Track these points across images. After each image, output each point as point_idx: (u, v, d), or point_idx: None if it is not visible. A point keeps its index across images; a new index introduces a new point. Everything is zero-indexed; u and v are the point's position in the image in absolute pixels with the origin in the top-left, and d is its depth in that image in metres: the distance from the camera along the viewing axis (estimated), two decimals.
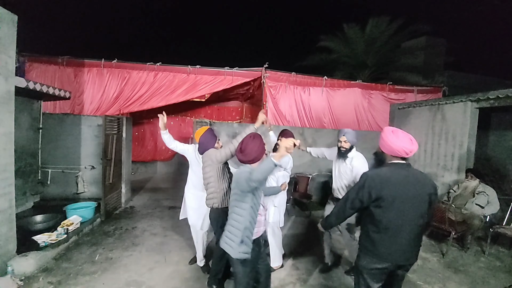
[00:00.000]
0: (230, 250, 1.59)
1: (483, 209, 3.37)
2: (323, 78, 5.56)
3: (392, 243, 1.45)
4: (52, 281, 2.42)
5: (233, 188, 1.66)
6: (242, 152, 1.66)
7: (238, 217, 1.60)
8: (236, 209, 1.62)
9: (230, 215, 1.66)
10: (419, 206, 1.46)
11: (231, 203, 1.68)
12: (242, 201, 1.59)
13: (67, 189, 4.56)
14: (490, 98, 4.00)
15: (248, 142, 1.68)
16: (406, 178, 1.46)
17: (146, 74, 4.85)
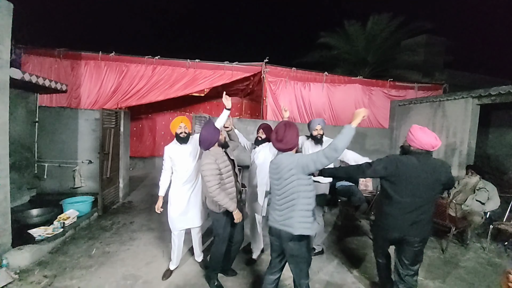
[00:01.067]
0: (307, 231, 1.64)
1: (483, 205, 3.35)
2: (323, 73, 5.51)
3: (400, 217, 1.80)
4: (47, 274, 2.38)
5: (292, 173, 1.63)
6: (281, 141, 1.69)
7: (307, 200, 1.65)
8: (303, 193, 1.64)
9: (297, 200, 1.63)
10: (430, 190, 1.79)
11: (290, 190, 1.65)
12: (307, 184, 1.65)
13: (64, 184, 4.50)
14: (492, 95, 3.98)
15: (285, 130, 1.69)
16: (422, 165, 1.76)
17: (144, 67, 4.78)
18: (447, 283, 2.55)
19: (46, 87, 4.02)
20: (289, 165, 1.64)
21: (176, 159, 2.38)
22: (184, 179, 2.39)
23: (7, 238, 2.48)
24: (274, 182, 1.77)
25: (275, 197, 1.77)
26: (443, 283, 2.55)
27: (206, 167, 1.99)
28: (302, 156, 1.64)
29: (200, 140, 2.08)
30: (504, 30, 14.93)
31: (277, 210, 1.73)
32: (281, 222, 1.69)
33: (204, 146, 2.08)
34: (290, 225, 1.64)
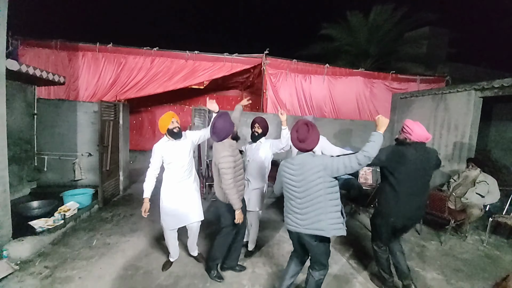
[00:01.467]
0: (340, 232, 1.66)
1: (483, 198, 3.35)
2: (324, 66, 5.43)
3: (407, 204, 2.02)
4: (48, 265, 2.40)
5: (319, 176, 1.61)
6: (304, 141, 1.65)
7: (335, 201, 1.66)
8: (330, 195, 1.64)
9: (325, 202, 1.62)
10: (427, 175, 2.07)
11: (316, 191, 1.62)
12: (334, 185, 1.66)
13: (64, 176, 4.51)
14: (495, 87, 3.92)
15: (308, 130, 1.65)
16: (420, 154, 1.99)
17: (143, 59, 4.71)
18: (444, 274, 2.57)
19: (44, 79, 3.97)
20: (315, 167, 1.61)
21: (170, 156, 2.26)
22: (180, 176, 2.32)
23: (7, 229, 2.49)
24: (293, 184, 1.70)
25: (294, 200, 1.71)
26: (441, 274, 2.57)
27: (225, 159, 1.95)
28: (331, 159, 1.62)
29: (215, 131, 2.00)
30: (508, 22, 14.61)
31: (297, 214, 1.69)
32: (308, 226, 1.65)
33: (219, 137, 2.01)
34: (321, 228, 1.63)
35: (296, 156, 1.74)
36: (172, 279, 2.31)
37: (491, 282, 2.46)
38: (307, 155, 1.69)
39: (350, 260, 2.77)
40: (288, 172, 1.72)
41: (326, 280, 2.37)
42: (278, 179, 1.86)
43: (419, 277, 2.50)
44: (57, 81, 4.27)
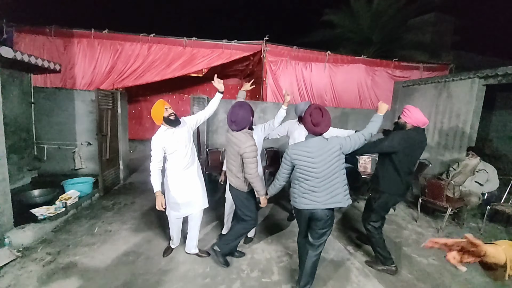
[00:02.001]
0: (349, 201, 1.85)
1: (482, 186, 3.36)
2: (326, 53, 5.31)
3: (404, 182, 2.22)
4: (51, 252, 2.44)
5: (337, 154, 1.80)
6: (318, 125, 1.77)
7: (345, 175, 1.86)
8: (342, 170, 1.85)
9: (340, 177, 1.82)
10: (419, 156, 2.36)
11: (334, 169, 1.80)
12: (344, 161, 1.86)
13: (64, 165, 4.52)
14: (499, 75, 3.84)
15: (322, 114, 1.78)
16: (419, 138, 2.21)
17: (139, 46, 4.59)
18: (441, 261, 2.61)
19: (39, 67, 3.90)
20: (333, 148, 1.78)
21: (172, 146, 2.16)
22: (184, 164, 2.25)
23: (8, 217, 2.51)
24: (310, 166, 1.78)
25: (311, 180, 1.80)
26: (437, 260, 2.62)
27: (251, 149, 1.91)
28: (344, 139, 1.83)
29: (236, 120, 1.94)
30: None
31: (315, 192, 1.80)
32: (326, 201, 1.79)
33: (240, 126, 1.96)
34: (338, 200, 1.81)
35: (309, 140, 1.83)
36: (173, 264, 2.36)
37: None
38: (320, 138, 1.81)
39: (348, 246, 2.81)
40: (304, 155, 1.80)
41: (323, 265, 2.42)
42: (284, 166, 1.89)
43: (415, 263, 2.55)
44: (53, 69, 4.20)
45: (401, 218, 3.67)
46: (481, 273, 2.42)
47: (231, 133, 2.06)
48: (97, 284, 2.05)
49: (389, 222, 3.50)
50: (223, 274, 2.25)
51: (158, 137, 2.16)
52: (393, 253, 2.70)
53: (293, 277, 2.25)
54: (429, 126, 4.86)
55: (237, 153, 2.00)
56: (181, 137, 2.22)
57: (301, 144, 1.85)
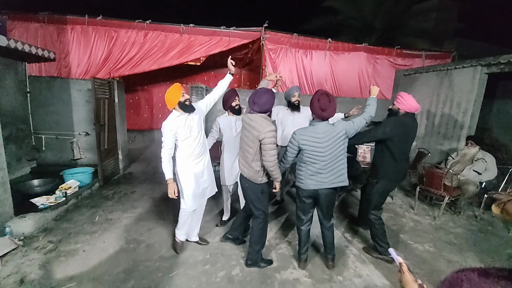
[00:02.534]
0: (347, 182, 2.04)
1: (480, 175, 3.37)
2: (326, 40, 5.18)
3: (401, 168, 2.30)
4: (52, 240, 2.48)
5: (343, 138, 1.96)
6: (325, 110, 1.86)
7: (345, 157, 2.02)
8: (345, 151, 2.01)
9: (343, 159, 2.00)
10: (412, 142, 2.36)
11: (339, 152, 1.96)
12: (346, 145, 2.01)
13: (63, 155, 4.51)
14: (501, 63, 3.77)
15: (329, 100, 1.87)
16: (412, 124, 2.30)
17: (135, 33, 4.47)
18: (437, 247, 2.66)
19: (34, 55, 3.82)
20: (340, 132, 1.92)
21: (185, 132, 2.08)
22: (197, 152, 2.18)
23: (9, 206, 2.53)
24: (318, 150, 1.90)
25: (318, 163, 1.93)
26: (433, 247, 2.67)
27: (271, 134, 1.83)
28: (349, 123, 1.98)
29: (260, 102, 1.87)
30: None
31: (321, 174, 1.95)
32: (332, 181, 1.96)
33: (261, 109, 1.90)
34: (342, 180, 2.00)
35: (317, 126, 1.92)
36: (173, 251, 2.39)
37: (482, 255, 2.55)
38: (327, 123, 1.92)
39: (346, 234, 2.85)
40: (312, 140, 1.90)
41: (321, 251, 2.47)
42: (290, 150, 1.99)
43: (411, 250, 2.60)
44: (47, 57, 4.11)
45: (399, 206, 3.71)
46: (475, 260, 2.48)
47: (250, 117, 1.97)
48: (99, 271, 2.09)
49: (387, 210, 3.54)
50: (222, 261, 2.29)
51: (170, 123, 2.05)
52: (390, 240, 2.74)
53: (291, 263, 2.30)
54: (429, 116, 4.83)
55: (255, 138, 1.88)
56: (194, 124, 2.13)
57: (308, 129, 1.94)
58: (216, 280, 2.05)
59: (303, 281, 2.08)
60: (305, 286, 2.03)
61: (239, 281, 2.06)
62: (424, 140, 4.87)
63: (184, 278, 2.05)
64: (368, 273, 2.21)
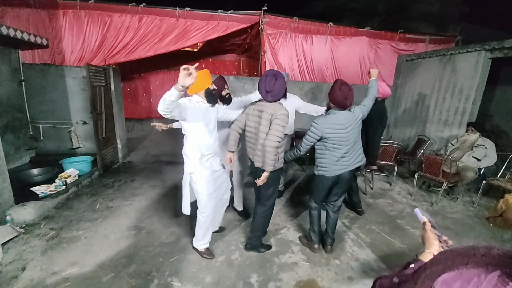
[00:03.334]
0: None
1: (479, 161, 3.37)
2: (327, 24, 5.02)
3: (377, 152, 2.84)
4: (54, 227, 2.51)
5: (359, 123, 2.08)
6: (347, 99, 1.93)
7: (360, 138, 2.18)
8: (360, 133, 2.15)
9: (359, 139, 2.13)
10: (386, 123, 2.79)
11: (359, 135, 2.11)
12: None
13: (61, 145, 4.49)
14: (505, 47, 3.68)
15: (349, 89, 1.94)
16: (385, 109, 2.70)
17: (129, 18, 4.31)
18: None
19: (26, 42, 3.72)
20: (358, 117, 2.04)
21: (197, 115, 1.84)
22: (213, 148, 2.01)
23: (8, 195, 2.53)
24: (341, 137, 1.98)
25: (342, 148, 2.00)
26: None
27: (284, 117, 1.81)
28: (362, 108, 2.11)
29: (271, 90, 1.83)
30: None
31: (344, 158, 2.03)
32: (353, 163, 2.08)
33: (276, 98, 1.87)
34: (361, 159, 2.13)
35: (339, 114, 1.98)
36: (173, 237, 2.43)
37: (478, 240, 2.59)
38: (347, 111, 2.01)
39: (344, 220, 2.89)
40: (336, 128, 1.97)
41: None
42: (310, 139, 2.02)
43: (408, 235, 2.64)
44: (40, 44, 4.00)
45: (397, 192, 3.74)
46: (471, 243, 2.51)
47: (263, 104, 1.91)
48: (101, 256, 2.12)
49: (385, 196, 3.57)
50: (222, 246, 2.33)
51: (190, 99, 1.87)
52: (388, 225, 2.79)
53: (290, 248, 2.34)
54: (431, 102, 4.77)
55: (268, 121, 1.84)
56: (210, 117, 1.95)
57: (329, 118, 1.98)
58: (216, 264, 2.10)
59: (301, 264, 2.13)
60: (303, 270, 2.07)
61: (238, 265, 2.10)
62: (424, 127, 4.84)
63: (184, 263, 2.09)
64: (365, 257, 2.25)
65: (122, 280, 1.88)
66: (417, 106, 5.06)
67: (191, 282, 1.89)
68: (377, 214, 3.07)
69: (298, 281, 1.95)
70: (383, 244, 2.45)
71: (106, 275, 1.91)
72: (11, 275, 1.87)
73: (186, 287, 1.85)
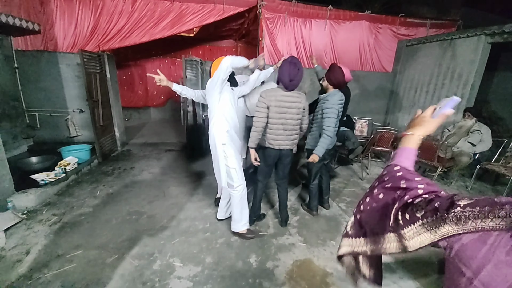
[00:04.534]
0: None
1: (474, 146, 3.42)
2: (327, 8, 4.88)
3: None
4: (56, 213, 2.55)
5: None
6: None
7: None
8: None
9: None
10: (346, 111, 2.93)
11: None
12: None
13: (59, 133, 4.47)
14: (505, 32, 3.64)
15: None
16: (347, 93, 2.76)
17: (122, 1, 4.16)
18: None
19: (18, 27, 3.63)
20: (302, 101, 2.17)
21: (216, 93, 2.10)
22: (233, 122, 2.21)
23: (8, 182, 2.55)
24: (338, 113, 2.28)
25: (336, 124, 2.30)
26: None
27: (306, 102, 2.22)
28: None
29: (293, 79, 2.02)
30: None
31: None
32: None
33: (297, 86, 2.09)
34: None
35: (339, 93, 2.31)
36: (174, 221, 2.49)
37: None
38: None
39: (340, 204, 2.96)
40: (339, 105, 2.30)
41: (318, 220, 2.58)
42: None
43: None
44: (32, 29, 3.91)
45: None
46: None
47: (286, 94, 2.07)
48: (104, 239, 2.18)
49: None
50: (222, 229, 2.40)
51: None
52: None
53: (288, 230, 2.41)
54: (429, 88, 4.75)
55: (299, 110, 2.13)
56: (228, 97, 2.15)
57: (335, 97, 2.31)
58: (216, 246, 2.17)
59: (298, 245, 2.21)
60: (300, 250, 2.15)
61: (237, 246, 2.17)
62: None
63: (186, 245, 2.16)
64: None
65: (126, 261, 1.94)
66: (416, 92, 5.05)
67: (192, 262, 1.96)
68: None
69: (295, 260, 2.03)
70: None
71: (110, 257, 1.98)
72: (15, 258, 1.92)
73: (187, 267, 1.92)
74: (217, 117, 2.12)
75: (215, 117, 2.12)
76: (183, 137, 5.34)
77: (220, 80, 1.99)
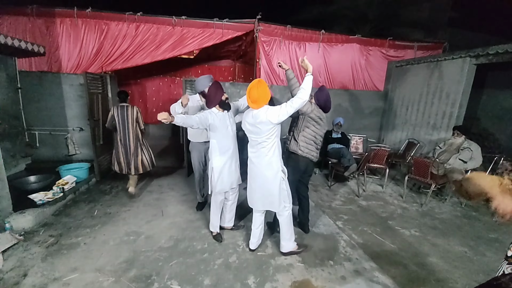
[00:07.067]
0: None
1: (465, 163, 3.52)
2: (320, 32, 5.18)
3: None
4: (53, 234, 2.54)
5: None
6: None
7: None
8: None
9: None
10: None
11: None
12: None
13: (58, 151, 4.51)
14: (490, 54, 3.87)
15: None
16: None
17: (126, 26, 4.39)
18: (422, 232, 2.82)
19: (23, 50, 3.76)
20: None
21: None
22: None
23: (7, 203, 2.56)
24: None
25: None
26: (419, 231, 2.82)
27: None
28: None
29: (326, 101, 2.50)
30: None
31: None
32: None
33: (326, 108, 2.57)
34: None
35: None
36: (172, 242, 2.49)
37: (466, 239, 2.71)
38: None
39: (337, 222, 2.99)
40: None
41: (316, 239, 2.59)
42: None
43: (398, 235, 2.75)
44: (37, 52, 4.03)
45: (388, 194, 3.86)
46: (458, 243, 2.63)
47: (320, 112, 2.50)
48: (101, 261, 2.17)
49: (377, 198, 3.69)
50: (220, 250, 2.40)
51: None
52: (379, 226, 2.90)
53: None
54: (420, 106, 4.95)
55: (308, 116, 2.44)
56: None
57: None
58: (214, 267, 2.16)
59: (296, 265, 2.21)
60: (298, 270, 2.15)
61: (236, 267, 2.17)
62: (414, 131, 5.00)
63: (183, 266, 2.15)
64: (357, 257, 2.35)
65: (123, 284, 1.93)
66: (407, 110, 5.24)
67: (190, 285, 1.95)
68: (369, 215, 3.18)
69: (294, 281, 2.03)
70: (374, 245, 2.55)
71: (107, 280, 1.96)
72: (13, 281, 1.90)
73: None
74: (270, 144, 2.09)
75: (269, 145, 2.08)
76: (181, 155, 5.39)
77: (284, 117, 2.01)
